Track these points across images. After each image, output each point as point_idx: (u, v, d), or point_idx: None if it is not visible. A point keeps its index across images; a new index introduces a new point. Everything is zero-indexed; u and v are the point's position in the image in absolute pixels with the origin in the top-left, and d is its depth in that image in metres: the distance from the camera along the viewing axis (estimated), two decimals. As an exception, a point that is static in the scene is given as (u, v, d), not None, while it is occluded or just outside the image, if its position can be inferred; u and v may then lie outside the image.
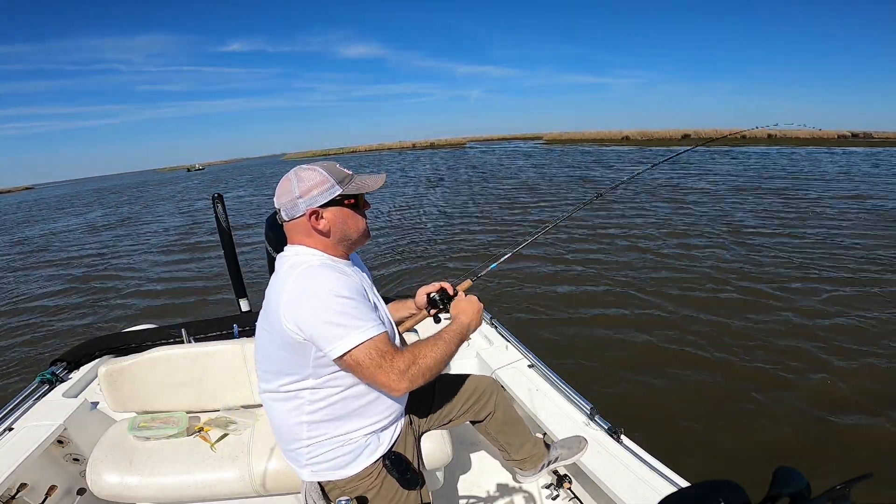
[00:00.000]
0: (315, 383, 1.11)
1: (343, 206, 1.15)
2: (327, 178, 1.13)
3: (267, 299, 1.13)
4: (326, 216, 1.14)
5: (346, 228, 1.17)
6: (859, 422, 3.19)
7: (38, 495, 1.67)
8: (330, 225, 1.14)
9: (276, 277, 1.13)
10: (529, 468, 1.61)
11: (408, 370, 1.04)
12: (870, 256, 6.60)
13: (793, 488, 0.53)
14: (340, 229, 1.16)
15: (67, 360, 2.16)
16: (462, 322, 1.24)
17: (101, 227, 15.88)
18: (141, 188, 40.03)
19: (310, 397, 1.13)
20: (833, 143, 38.11)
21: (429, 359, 1.08)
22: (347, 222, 1.16)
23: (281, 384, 1.14)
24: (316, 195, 1.12)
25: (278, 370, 1.13)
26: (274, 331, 1.08)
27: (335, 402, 1.14)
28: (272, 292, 1.11)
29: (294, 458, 1.22)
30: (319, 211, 1.13)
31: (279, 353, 1.10)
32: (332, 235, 1.15)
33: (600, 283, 6.03)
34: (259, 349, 1.19)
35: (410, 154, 50.88)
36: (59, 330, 5.90)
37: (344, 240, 1.18)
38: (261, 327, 1.16)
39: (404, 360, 1.05)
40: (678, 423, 3.21)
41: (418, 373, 1.05)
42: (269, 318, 1.11)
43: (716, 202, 11.27)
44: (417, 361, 1.06)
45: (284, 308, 1.05)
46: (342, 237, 1.17)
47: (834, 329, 4.50)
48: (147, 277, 8.09)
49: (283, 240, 1.23)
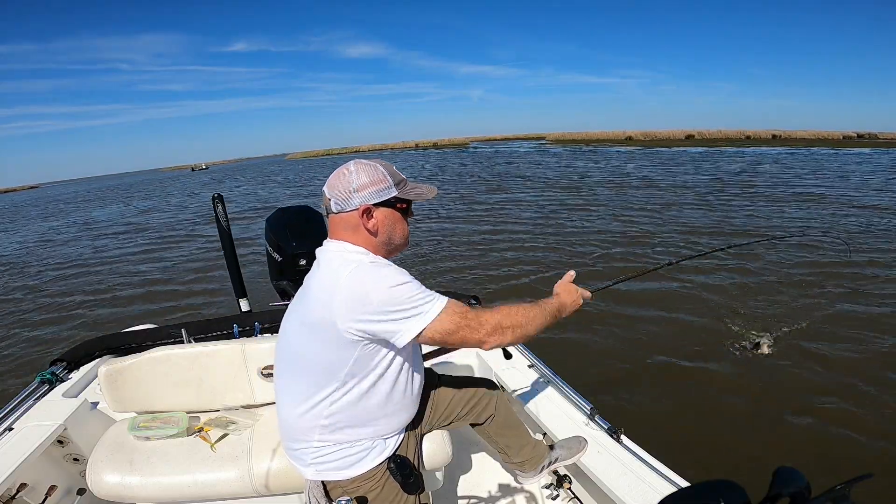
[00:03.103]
0: (341, 389, 1.10)
1: (395, 208, 1.14)
2: (386, 177, 1.11)
3: (308, 296, 1.10)
4: (377, 216, 1.12)
5: (393, 232, 1.15)
6: (860, 421, 3.17)
7: (38, 495, 1.66)
8: (379, 225, 1.12)
9: (323, 274, 1.09)
10: (529, 469, 1.61)
11: (498, 325, 1.08)
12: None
13: (793, 488, 0.53)
14: (388, 231, 1.14)
15: (67, 360, 2.16)
16: (561, 299, 1.28)
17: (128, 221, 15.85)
18: (158, 184, 40.04)
19: (330, 402, 1.12)
20: (837, 143, 38.09)
21: (520, 316, 1.11)
22: (395, 226, 1.15)
23: (305, 385, 1.12)
24: (372, 192, 1.10)
25: (308, 370, 1.11)
26: (319, 329, 1.05)
27: (355, 410, 1.13)
28: (318, 290, 1.07)
29: (298, 457, 1.22)
30: (372, 209, 1.11)
31: (319, 352, 1.08)
32: (378, 236, 1.13)
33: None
34: (289, 346, 1.16)
35: (421, 153, 50.54)
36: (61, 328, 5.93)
37: (388, 243, 1.15)
38: (299, 323, 1.12)
39: (492, 315, 1.08)
40: (678, 423, 3.21)
41: (508, 327, 1.09)
42: (310, 316, 1.07)
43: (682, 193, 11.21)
44: (509, 317, 1.10)
45: (340, 307, 1.01)
46: (387, 240, 1.15)
47: (836, 330, 4.49)
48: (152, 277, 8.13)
49: (283, 240, 1.23)
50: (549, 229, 9.26)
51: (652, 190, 13.87)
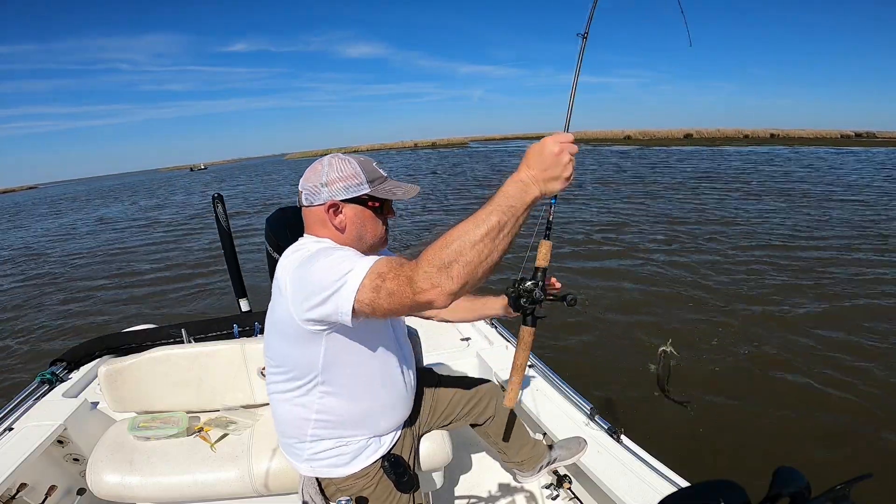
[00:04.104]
0: (323, 384, 1.10)
1: (366, 206, 1.10)
2: (358, 172, 1.07)
3: (273, 291, 1.08)
4: (346, 212, 1.08)
5: (363, 230, 1.11)
6: (860, 421, 3.18)
7: (38, 495, 1.66)
8: (347, 222, 1.09)
9: (279, 269, 1.07)
10: (528, 469, 1.61)
11: (429, 266, 0.78)
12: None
13: (793, 488, 0.53)
14: (356, 229, 1.10)
15: (67, 360, 2.16)
16: (530, 173, 0.84)
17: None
18: (160, 184, 39.98)
19: (318, 396, 1.11)
20: (835, 142, 38.23)
21: (457, 240, 0.78)
22: (366, 224, 1.11)
23: (291, 384, 1.11)
24: (341, 187, 1.06)
25: (288, 367, 1.10)
26: (284, 325, 1.03)
27: (344, 406, 1.13)
28: (276, 282, 1.05)
29: (293, 453, 1.22)
30: (339, 205, 1.07)
31: (288, 348, 1.06)
32: (346, 233, 1.09)
33: (600, 283, 6.03)
34: (268, 345, 1.15)
35: (420, 153, 50.55)
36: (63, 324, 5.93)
37: (357, 241, 1.11)
38: (271, 322, 1.10)
39: (422, 257, 0.80)
40: (678, 423, 3.21)
41: (445, 264, 0.77)
42: (275, 309, 1.06)
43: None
44: (443, 248, 0.78)
45: (292, 300, 0.97)
46: (356, 237, 1.11)
47: (836, 329, 4.50)
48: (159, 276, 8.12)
49: (284, 240, 1.22)
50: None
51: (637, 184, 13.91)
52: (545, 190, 0.85)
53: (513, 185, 0.83)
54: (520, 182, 0.84)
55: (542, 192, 0.85)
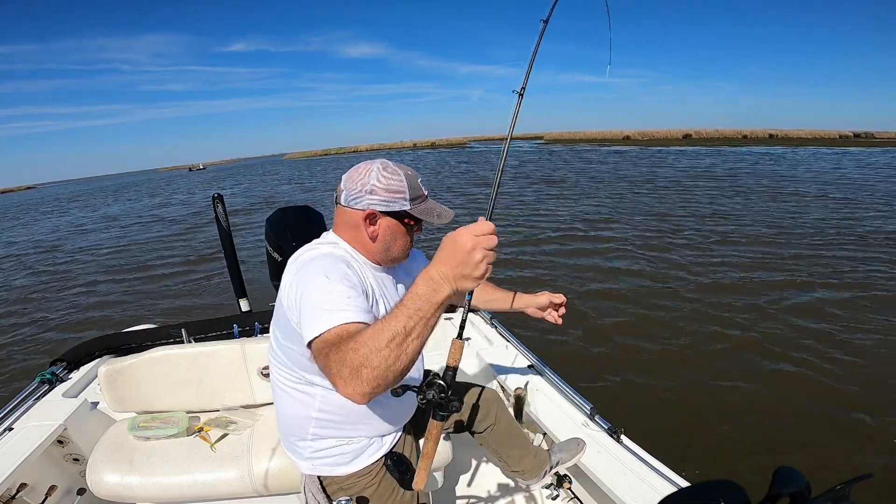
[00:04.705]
0: (322, 383, 1.10)
1: (402, 222, 1.11)
2: (404, 188, 1.07)
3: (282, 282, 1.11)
4: (381, 223, 1.09)
5: (392, 244, 1.12)
6: (860, 422, 3.18)
7: (38, 495, 1.66)
8: (380, 233, 1.10)
9: (292, 259, 1.10)
10: (531, 477, 1.59)
11: (358, 371, 0.76)
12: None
13: (793, 488, 0.53)
14: (387, 242, 1.11)
15: (67, 360, 2.16)
16: (427, 276, 0.79)
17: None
18: (161, 184, 40.02)
19: (321, 398, 1.12)
20: (834, 143, 38.28)
21: (363, 349, 0.76)
22: (396, 238, 1.12)
23: (294, 379, 1.13)
24: (384, 199, 1.06)
25: (290, 361, 1.12)
26: (285, 320, 1.05)
27: (346, 407, 1.13)
28: (285, 273, 1.08)
29: (295, 451, 1.23)
30: (378, 215, 1.08)
31: (289, 342, 1.08)
32: (376, 243, 1.11)
33: (599, 282, 6.03)
34: (273, 337, 1.16)
35: (417, 153, 50.62)
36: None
37: (385, 252, 1.13)
38: (275, 319, 1.13)
39: (347, 357, 0.78)
40: (678, 423, 3.21)
41: (360, 368, 0.76)
42: (282, 300, 1.08)
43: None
44: (355, 356, 0.77)
45: (287, 285, 1.02)
46: (384, 248, 1.12)
47: (838, 329, 4.50)
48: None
49: (284, 240, 1.22)
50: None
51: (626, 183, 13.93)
52: (458, 287, 0.79)
53: (423, 284, 0.79)
54: (430, 280, 0.78)
55: (455, 290, 0.79)
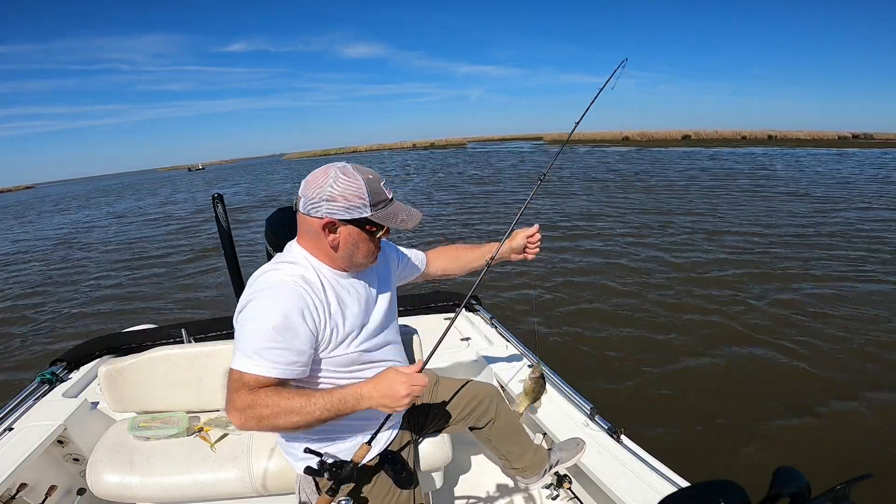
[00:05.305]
0: (319, 387, 1.11)
1: (363, 229, 1.07)
2: (364, 195, 1.03)
3: None
4: (341, 232, 1.06)
5: (355, 251, 1.09)
6: (860, 421, 3.19)
7: (38, 495, 1.66)
8: (340, 241, 1.07)
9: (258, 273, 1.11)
10: (531, 475, 1.60)
11: (244, 410, 0.96)
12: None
13: (793, 488, 0.53)
14: (349, 249, 1.08)
15: (67, 360, 2.16)
16: (359, 391, 1.01)
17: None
18: (159, 184, 40.06)
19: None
20: (833, 144, 38.31)
21: (269, 409, 0.96)
22: (359, 246, 1.09)
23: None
24: (342, 206, 1.03)
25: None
26: None
27: None
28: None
29: (290, 452, 1.23)
30: (337, 223, 1.05)
31: None
32: (338, 251, 1.08)
33: (600, 283, 6.03)
34: None
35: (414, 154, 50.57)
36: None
37: (348, 259, 1.10)
38: None
39: (244, 399, 0.96)
40: (678, 423, 3.21)
41: (251, 418, 0.96)
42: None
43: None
44: (255, 407, 0.96)
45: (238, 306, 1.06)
46: (347, 256, 1.10)
47: (838, 329, 4.51)
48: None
49: (284, 240, 1.21)
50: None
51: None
52: (375, 407, 1.01)
53: (352, 397, 1.00)
54: (359, 396, 1.00)
55: (372, 408, 1.01)
